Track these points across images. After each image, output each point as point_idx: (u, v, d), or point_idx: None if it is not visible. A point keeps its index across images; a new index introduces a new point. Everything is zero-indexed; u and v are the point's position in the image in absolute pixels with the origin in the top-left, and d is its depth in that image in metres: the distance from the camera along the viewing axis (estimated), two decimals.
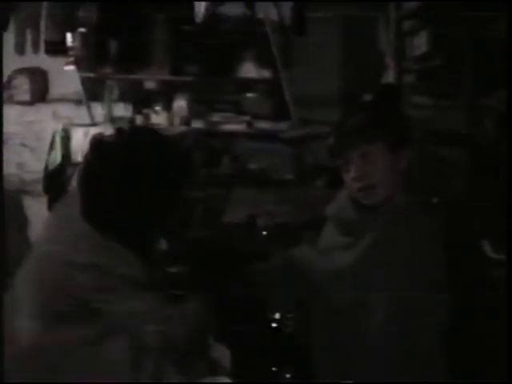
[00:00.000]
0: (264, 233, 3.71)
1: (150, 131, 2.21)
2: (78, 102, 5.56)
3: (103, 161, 2.05)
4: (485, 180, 3.31)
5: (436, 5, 4.04)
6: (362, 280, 2.25)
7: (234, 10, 5.06)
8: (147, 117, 5.27)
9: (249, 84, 5.35)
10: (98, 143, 2.09)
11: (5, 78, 5.64)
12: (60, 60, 5.24)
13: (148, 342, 2.04)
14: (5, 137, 5.68)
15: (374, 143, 2.27)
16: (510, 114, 2.86)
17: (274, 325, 2.80)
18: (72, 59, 5.18)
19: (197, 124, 5.18)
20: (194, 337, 2.18)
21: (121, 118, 5.27)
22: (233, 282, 2.78)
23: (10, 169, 5.58)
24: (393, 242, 2.23)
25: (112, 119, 5.35)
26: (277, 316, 2.79)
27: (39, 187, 5.28)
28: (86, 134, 5.05)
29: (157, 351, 2.06)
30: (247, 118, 5.26)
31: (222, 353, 2.66)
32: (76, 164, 4.78)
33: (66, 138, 5.27)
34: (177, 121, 5.23)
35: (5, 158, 5.54)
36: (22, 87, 5.65)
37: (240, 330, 2.78)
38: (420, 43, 4.25)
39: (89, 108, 5.47)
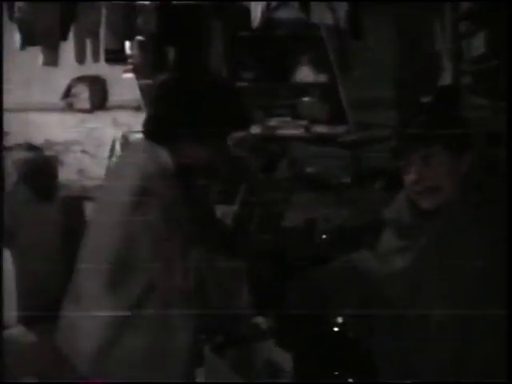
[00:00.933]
0: (324, 236, 3.71)
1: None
2: (136, 109, 5.63)
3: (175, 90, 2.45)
4: None
5: (492, 5, 4.01)
6: (417, 283, 2.25)
7: (289, 14, 5.08)
8: None
9: (305, 88, 5.36)
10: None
11: (65, 87, 5.75)
12: (119, 68, 5.31)
13: None
14: (65, 144, 5.81)
15: (434, 146, 2.26)
16: (510, 113, 2.83)
17: (336, 329, 2.81)
18: (130, 67, 5.25)
19: (254, 129, 5.21)
20: None
21: None
22: (293, 285, 2.79)
23: (70, 175, 5.68)
24: (449, 246, 2.22)
25: None
26: (339, 320, 2.79)
27: None
28: None
29: None
30: (304, 122, 5.28)
31: (282, 356, 2.68)
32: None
33: (126, 145, 5.35)
34: None
35: (66, 164, 5.66)
36: (82, 95, 5.74)
37: (302, 334, 2.79)
38: (477, 44, 4.22)
39: None
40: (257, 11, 4.91)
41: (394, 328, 2.31)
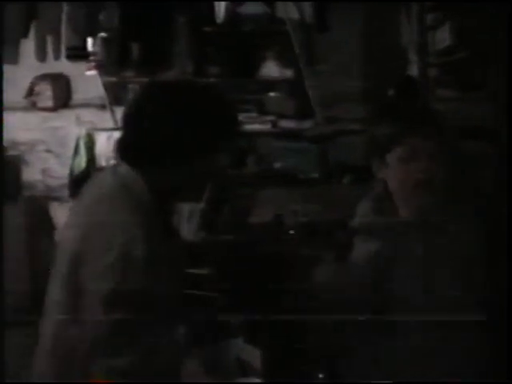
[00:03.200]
0: (291, 232, 3.70)
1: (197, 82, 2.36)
2: (101, 107, 5.56)
3: (152, 102, 2.08)
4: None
5: None
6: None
7: (254, 9, 5.05)
8: None
9: (272, 84, 5.33)
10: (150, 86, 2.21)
11: (27, 85, 5.67)
12: (82, 65, 5.25)
13: None
14: (29, 143, 5.73)
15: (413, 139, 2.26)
16: (510, 112, 2.83)
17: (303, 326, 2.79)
18: (93, 64, 5.19)
19: None
20: None
21: None
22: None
23: (35, 175, 5.61)
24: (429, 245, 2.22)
25: None
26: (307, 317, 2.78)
27: (65, 193, 5.30)
28: (109, 139, 5.06)
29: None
30: (271, 117, 5.24)
31: (252, 354, 2.65)
32: (101, 168, 4.79)
33: (90, 143, 5.29)
34: None
35: (30, 164, 5.59)
36: (45, 93, 5.66)
37: (271, 331, 2.77)
38: (443, 36, 4.21)
39: (112, 112, 5.47)
40: (221, 6, 4.88)
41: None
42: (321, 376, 2.84)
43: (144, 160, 2.05)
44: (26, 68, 5.18)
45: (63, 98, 5.70)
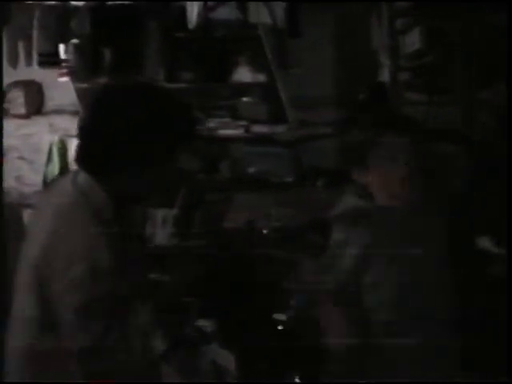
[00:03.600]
0: (264, 231, 3.70)
1: (152, 85, 2.24)
2: (73, 113, 5.54)
3: (105, 110, 2.03)
4: (482, 176, 3.30)
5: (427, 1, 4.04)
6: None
7: (226, 15, 5.04)
8: None
9: (244, 88, 5.34)
10: (102, 93, 2.12)
11: None
12: (54, 72, 5.23)
13: None
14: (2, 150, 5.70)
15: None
16: (510, 113, 2.86)
17: (280, 327, 2.80)
18: (66, 70, 5.17)
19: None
20: None
21: None
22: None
23: (9, 182, 5.57)
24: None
25: None
26: (283, 317, 2.78)
27: None
28: None
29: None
30: (244, 122, 5.25)
31: (226, 357, 2.66)
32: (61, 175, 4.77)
33: (63, 150, 5.27)
34: None
35: (4, 171, 5.55)
36: (17, 100, 5.64)
37: (245, 334, 2.78)
38: (413, 40, 4.25)
39: None
40: (193, 11, 4.87)
41: None
42: (297, 379, 2.85)
43: (101, 167, 2.01)
44: None
45: (36, 104, 5.68)
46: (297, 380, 2.83)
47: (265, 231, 3.70)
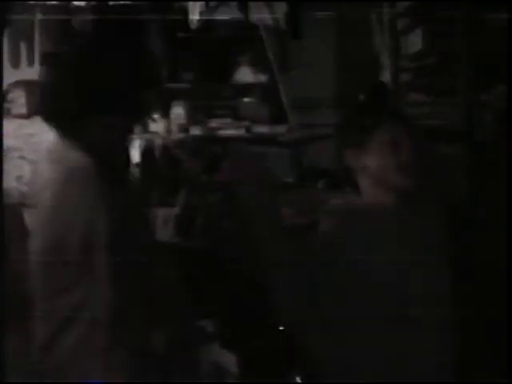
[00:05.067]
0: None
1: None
2: None
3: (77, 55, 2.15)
4: (484, 176, 3.31)
5: (429, 2, 4.04)
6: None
7: (228, 15, 5.05)
8: (145, 125, 5.26)
9: (246, 89, 5.35)
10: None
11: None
12: None
13: None
14: (4, 150, 5.70)
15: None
16: (510, 113, 2.86)
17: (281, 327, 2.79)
18: None
19: (195, 131, 5.17)
20: None
21: None
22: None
23: (9, 182, 5.57)
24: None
25: None
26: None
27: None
28: None
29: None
30: (245, 122, 5.25)
31: (227, 358, 2.66)
32: None
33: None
34: (175, 128, 5.22)
35: (4, 171, 5.55)
36: (19, 100, 5.64)
37: (247, 335, 2.78)
38: (415, 41, 4.25)
39: None
40: (194, 12, 4.88)
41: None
42: (298, 379, 2.85)
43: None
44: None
45: (37, 104, 5.69)
46: (297, 380, 2.83)
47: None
